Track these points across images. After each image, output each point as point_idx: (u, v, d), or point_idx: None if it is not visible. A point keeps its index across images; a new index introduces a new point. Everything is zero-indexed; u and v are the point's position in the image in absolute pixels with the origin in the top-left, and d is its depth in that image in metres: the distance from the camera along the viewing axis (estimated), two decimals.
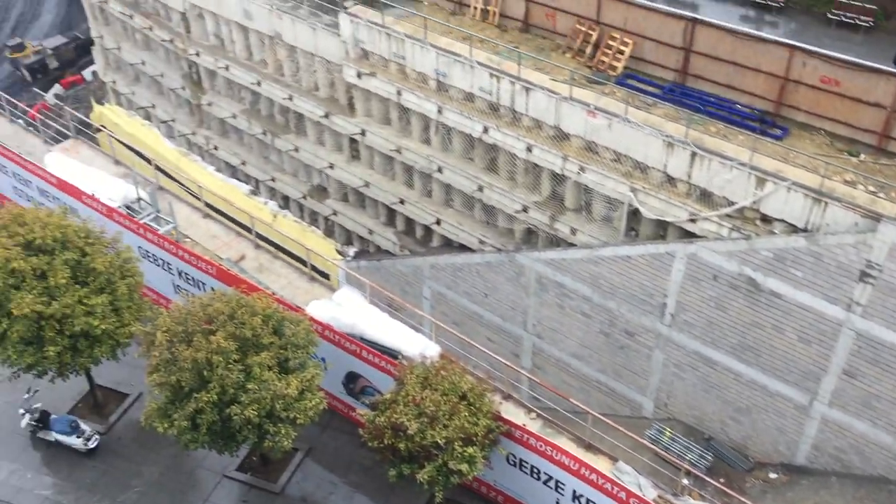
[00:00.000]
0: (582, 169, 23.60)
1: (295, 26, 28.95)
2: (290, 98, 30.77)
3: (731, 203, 21.28)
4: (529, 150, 24.50)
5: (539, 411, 16.94)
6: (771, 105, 22.45)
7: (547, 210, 25.23)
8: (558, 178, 24.76)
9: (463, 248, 28.29)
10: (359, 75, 27.70)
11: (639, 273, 23.30)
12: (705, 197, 21.86)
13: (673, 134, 21.80)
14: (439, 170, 27.41)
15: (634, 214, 23.47)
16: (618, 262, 23.59)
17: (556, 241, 25.59)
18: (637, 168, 22.83)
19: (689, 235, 22.45)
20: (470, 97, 25.48)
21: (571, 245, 25.01)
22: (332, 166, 31.09)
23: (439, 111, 26.08)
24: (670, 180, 22.38)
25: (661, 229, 23.41)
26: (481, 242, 27.58)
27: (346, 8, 27.54)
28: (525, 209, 25.70)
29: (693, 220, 22.07)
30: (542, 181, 25.28)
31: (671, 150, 21.78)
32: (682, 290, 22.71)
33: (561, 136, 23.97)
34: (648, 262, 22.94)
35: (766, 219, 21.06)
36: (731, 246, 21.22)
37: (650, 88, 23.73)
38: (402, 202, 29.44)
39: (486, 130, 25.26)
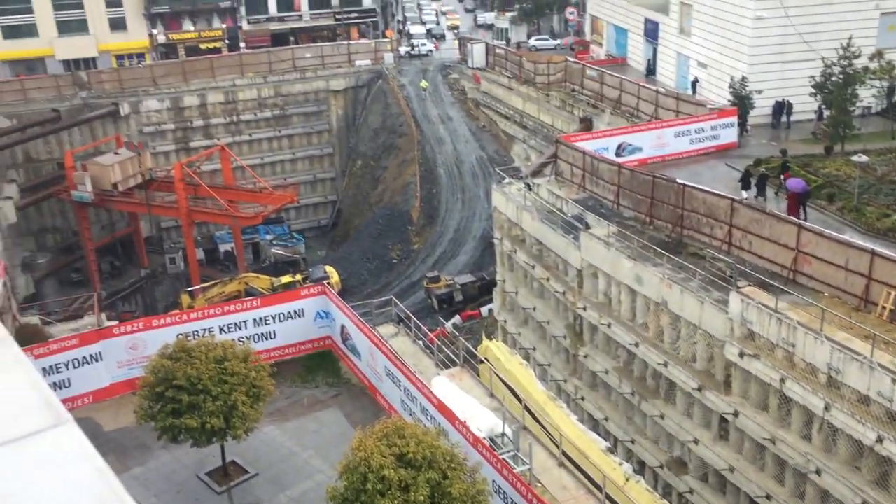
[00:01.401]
0: None
1: (683, 297, 29.39)
2: (665, 364, 30.68)
3: None
4: None
5: None
6: None
7: None
8: None
9: None
10: (741, 355, 26.86)
11: None
12: None
13: None
14: (817, 472, 24.73)
15: None
16: None
17: None
18: None
19: None
20: (865, 400, 23.13)
21: None
22: (696, 441, 29.76)
23: (826, 408, 23.96)
24: None
25: None
26: None
27: (738, 287, 27.42)
28: None
29: None
30: None
31: None
32: None
33: None
34: None
35: None
36: None
37: None
38: (768, 497, 26.85)
39: (880, 440, 22.49)
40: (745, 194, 31.18)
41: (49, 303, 49.93)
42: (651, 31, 65.71)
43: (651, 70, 64.37)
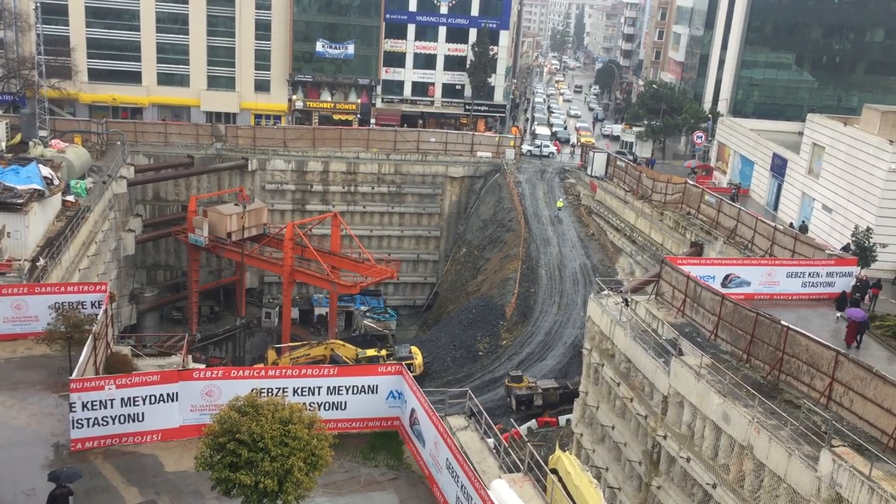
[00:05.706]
0: None
1: (770, 445, 27.73)
2: None
3: None
4: None
5: None
6: None
7: None
8: None
9: None
10: None
11: None
12: None
13: None
14: None
15: None
16: None
17: None
18: None
19: None
20: None
21: None
22: None
23: None
24: None
25: None
26: None
27: (832, 446, 25.69)
28: None
29: None
30: None
31: None
32: None
33: None
34: None
35: None
36: None
37: None
38: None
39: None
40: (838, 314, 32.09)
41: (145, 336, 51.82)
42: (778, 167, 64.58)
43: (773, 205, 63.05)
